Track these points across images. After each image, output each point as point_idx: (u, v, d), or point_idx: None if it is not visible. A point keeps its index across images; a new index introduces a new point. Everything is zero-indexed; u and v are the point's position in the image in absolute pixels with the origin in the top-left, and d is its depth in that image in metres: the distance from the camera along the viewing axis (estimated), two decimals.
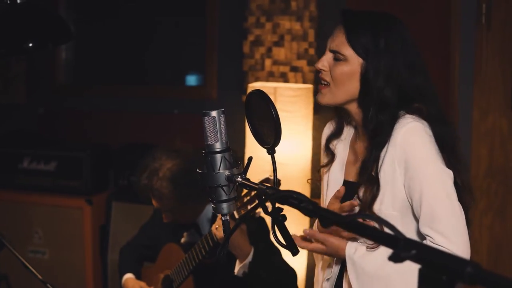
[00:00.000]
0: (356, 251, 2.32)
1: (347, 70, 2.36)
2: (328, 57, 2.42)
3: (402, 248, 1.13)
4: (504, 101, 4.38)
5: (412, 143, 2.28)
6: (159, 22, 5.71)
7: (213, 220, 3.60)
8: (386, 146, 2.32)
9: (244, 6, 5.05)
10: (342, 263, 2.45)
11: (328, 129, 2.64)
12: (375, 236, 1.22)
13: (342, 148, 2.55)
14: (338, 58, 2.38)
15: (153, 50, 5.75)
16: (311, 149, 4.55)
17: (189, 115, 5.44)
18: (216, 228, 3.22)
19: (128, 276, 3.83)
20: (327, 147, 2.59)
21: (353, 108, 2.43)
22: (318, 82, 2.50)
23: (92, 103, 5.84)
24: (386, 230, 1.31)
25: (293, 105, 4.39)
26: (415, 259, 1.10)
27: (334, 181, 2.52)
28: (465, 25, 4.44)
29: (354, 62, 2.36)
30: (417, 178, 2.27)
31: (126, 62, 5.85)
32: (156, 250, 3.82)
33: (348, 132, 2.57)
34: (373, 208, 2.32)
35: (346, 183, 2.49)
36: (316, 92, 4.55)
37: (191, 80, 5.81)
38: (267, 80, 4.96)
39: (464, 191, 2.34)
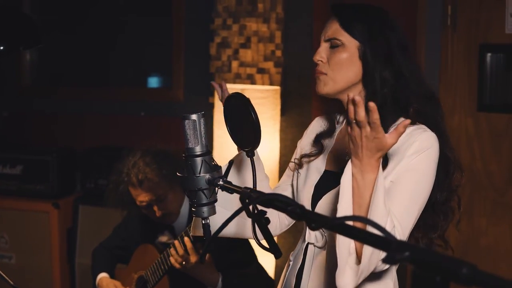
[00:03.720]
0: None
1: (345, 55, 2.33)
2: (324, 47, 2.39)
3: (395, 250, 1.13)
4: (469, 101, 4.43)
5: (426, 150, 2.23)
6: (125, 23, 5.68)
7: (189, 222, 3.60)
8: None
9: (211, 7, 5.05)
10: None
11: (317, 123, 2.62)
12: (365, 239, 1.22)
13: (327, 141, 2.53)
14: (335, 44, 2.35)
15: (119, 51, 5.72)
16: (278, 151, 4.56)
17: (155, 117, 5.42)
18: (179, 262, 3.27)
19: (102, 275, 3.81)
20: (318, 141, 2.54)
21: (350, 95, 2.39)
22: (314, 76, 2.41)
23: (58, 106, 5.79)
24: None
25: (260, 106, 4.40)
26: (409, 261, 1.11)
27: (315, 169, 2.49)
28: (431, 26, 4.48)
29: (351, 46, 2.34)
30: (404, 171, 2.22)
31: (92, 64, 5.81)
32: (130, 251, 3.81)
33: (339, 124, 2.55)
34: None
35: (326, 172, 2.47)
36: (282, 94, 4.59)
37: (158, 82, 5.79)
38: (234, 82, 4.95)
39: (455, 166, 2.35)
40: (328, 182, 2.41)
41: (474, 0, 4.36)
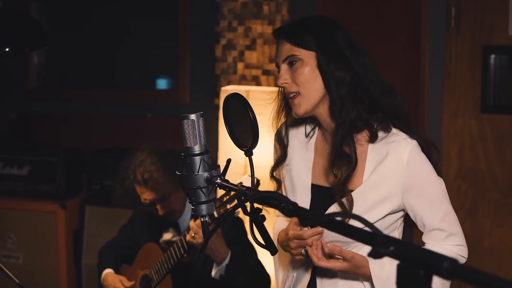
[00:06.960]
0: (383, 268, 2.33)
1: (307, 68, 2.35)
2: (284, 69, 2.39)
3: (381, 245, 1.17)
4: (473, 103, 4.44)
5: (419, 167, 2.35)
6: (131, 26, 5.72)
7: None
8: (386, 154, 2.35)
9: (216, 10, 5.08)
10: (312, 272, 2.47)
11: (282, 128, 2.63)
12: (354, 235, 1.25)
13: (304, 149, 2.53)
14: (293, 61, 2.36)
15: (125, 54, 5.75)
16: None
17: (162, 119, 5.45)
18: (192, 236, 3.24)
19: (108, 271, 3.84)
20: (281, 140, 2.60)
21: (323, 107, 2.40)
22: (286, 99, 2.43)
23: (65, 108, 5.82)
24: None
25: (265, 108, 4.39)
26: (393, 255, 1.14)
27: (300, 183, 2.51)
28: (435, 28, 4.49)
29: (309, 58, 2.35)
30: (424, 196, 2.36)
31: (99, 66, 5.85)
32: (135, 251, 3.84)
33: (311, 134, 2.55)
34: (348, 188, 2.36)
35: (313, 187, 2.48)
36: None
37: (164, 84, 5.83)
38: (239, 84, 4.98)
39: (430, 148, 2.41)
40: (325, 198, 2.43)
41: (478, 2, 4.38)
